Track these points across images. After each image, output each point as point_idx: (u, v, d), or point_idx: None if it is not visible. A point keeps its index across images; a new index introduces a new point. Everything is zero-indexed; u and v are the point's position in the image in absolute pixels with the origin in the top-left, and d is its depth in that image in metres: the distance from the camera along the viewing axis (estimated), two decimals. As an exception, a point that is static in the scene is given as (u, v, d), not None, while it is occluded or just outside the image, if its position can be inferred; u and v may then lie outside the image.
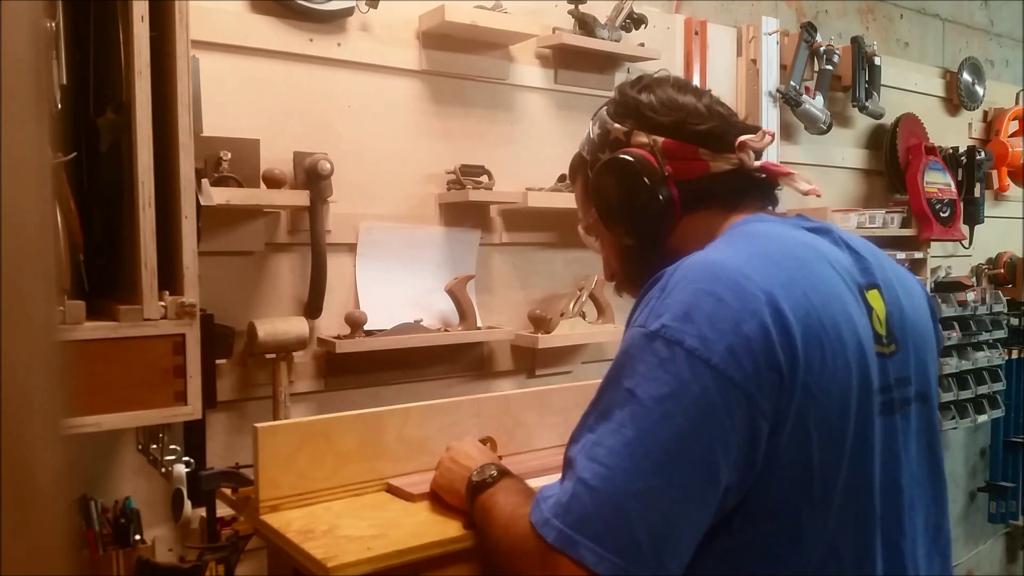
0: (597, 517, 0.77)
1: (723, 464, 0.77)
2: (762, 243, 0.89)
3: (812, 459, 0.81)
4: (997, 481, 3.51)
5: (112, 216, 1.30)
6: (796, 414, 0.79)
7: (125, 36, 1.20)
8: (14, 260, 0.33)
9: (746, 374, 0.77)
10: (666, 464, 0.77)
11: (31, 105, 0.34)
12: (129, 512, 1.52)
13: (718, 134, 0.96)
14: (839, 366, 0.82)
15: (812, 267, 0.86)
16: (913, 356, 0.94)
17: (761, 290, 0.80)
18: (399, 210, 1.94)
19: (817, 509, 0.83)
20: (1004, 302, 3.23)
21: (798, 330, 0.79)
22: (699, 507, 0.79)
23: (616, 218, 1.02)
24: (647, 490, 0.77)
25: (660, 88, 1.00)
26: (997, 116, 3.53)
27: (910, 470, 0.92)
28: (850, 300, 0.87)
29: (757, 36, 2.60)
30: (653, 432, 0.77)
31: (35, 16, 0.34)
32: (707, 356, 0.77)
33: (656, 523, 0.77)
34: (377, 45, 1.89)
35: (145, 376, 1.22)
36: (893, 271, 0.99)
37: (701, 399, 0.77)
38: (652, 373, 0.79)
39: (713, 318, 0.78)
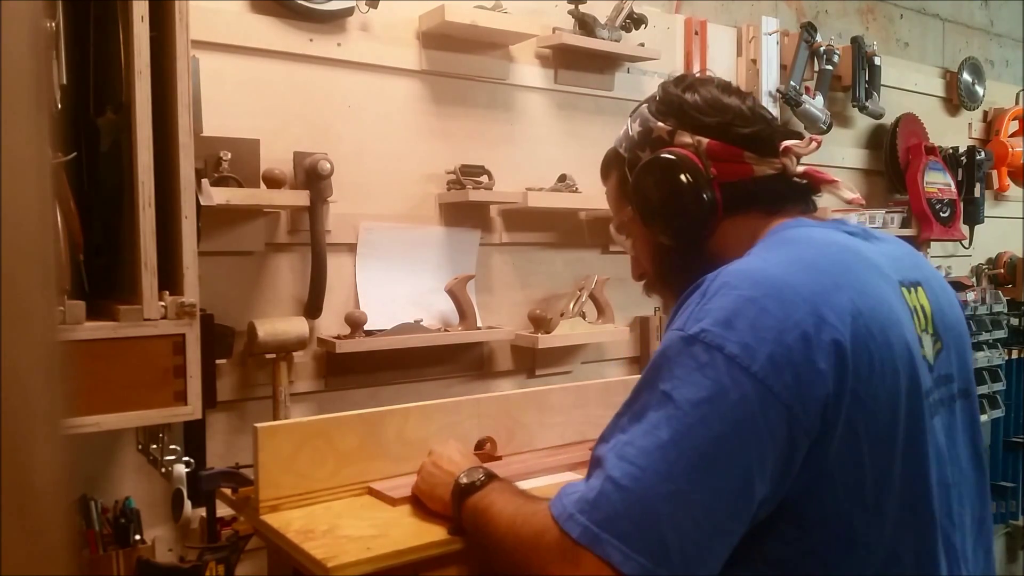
0: (625, 516, 0.76)
1: (758, 474, 0.76)
2: (804, 249, 0.88)
3: (863, 466, 0.80)
4: (997, 481, 3.50)
5: (112, 216, 1.30)
6: (846, 422, 0.78)
7: (125, 36, 1.20)
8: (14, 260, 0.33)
9: (786, 385, 0.76)
10: (700, 468, 0.75)
11: (31, 105, 0.34)
12: (129, 512, 1.52)
13: (763, 138, 0.96)
14: (887, 371, 0.80)
15: (856, 271, 0.85)
16: (955, 352, 0.95)
17: (804, 299, 0.79)
18: (399, 210, 1.94)
19: (871, 515, 0.81)
20: (1004, 302, 3.23)
21: (846, 337, 0.78)
22: (731, 515, 0.77)
23: (656, 218, 1.01)
24: (679, 493, 0.75)
25: (705, 88, 1.00)
26: (997, 116, 3.53)
27: (958, 466, 0.92)
28: (896, 303, 0.86)
29: (757, 36, 2.60)
30: (688, 435, 0.76)
31: (35, 16, 0.34)
32: (747, 364, 0.76)
33: (686, 527, 0.75)
34: (377, 45, 1.89)
35: (145, 376, 1.22)
36: (933, 271, 1.00)
37: (740, 406, 0.75)
38: (690, 377, 0.78)
39: (755, 326, 0.77)
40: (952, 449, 0.92)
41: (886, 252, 0.93)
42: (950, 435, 0.92)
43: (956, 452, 0.93)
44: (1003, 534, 3.79)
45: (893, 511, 0.82)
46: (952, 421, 0.93)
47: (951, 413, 0.93)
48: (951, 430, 0.92)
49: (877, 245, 0.94)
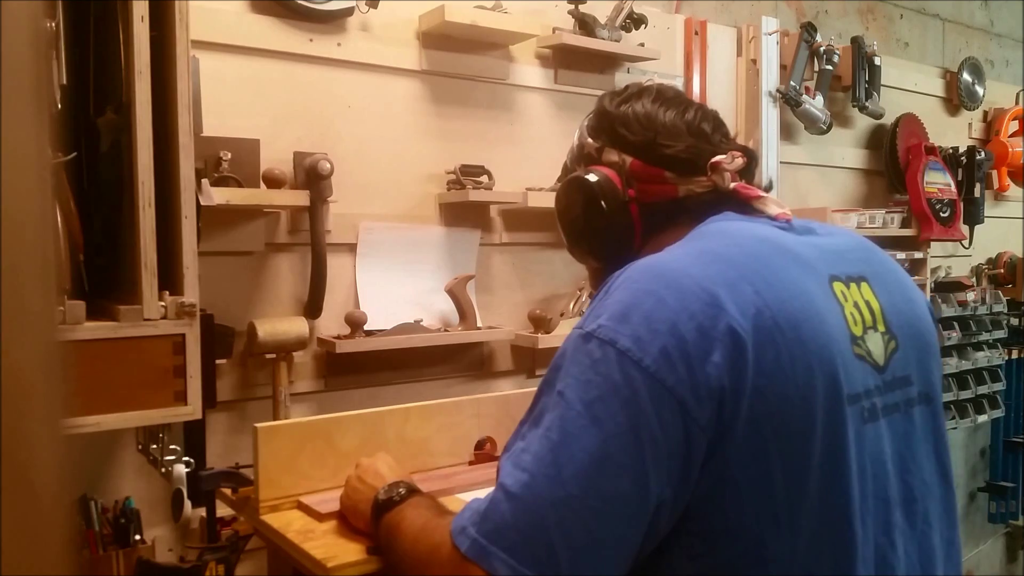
0: (513, 527, 0.72)
1: (653, 475, 0.72)
2: (716, 241, 0.84)
3: (772, 473, 0.74)
4: (997, 481, 3.51)
5: (112, 216, 1.30)
6: (748, 423, 0.73)
7: (125, 36, 1.20)
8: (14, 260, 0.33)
9: (679, 379, 0.72)
10: (590, 471, 0.72)
11: (31, 105, 0.34)
12: (129, 512, 1.52)
13: (689, 157, 0.91)
14: (798, 369, 0.75)
15: (770, 263, 0.80)
16: (914, 354, 0.88)
17: (704, 290, 0.75)
18: (399, 210, 1.94)
19: (784, 530, 0.75)
20: (1004, 302, 3.23)
21: (747, 330, 0.73)
22: (625, 520, 0.73)
23: (578, 240, 0.99)
24: (568, 499, 0.71)
25: (641, 101, 0.96)
26: (997, 116, 3.53)
27: (920, 478, 0.86)
28: (819, 297, 0.80)
29: (757, 36, 2.60)
30: (579, 437, 0.72)
31: (35, 16, 0.34)
32: (639, 358, 0.72)
33: (576, 534, 0.71)
34: (377, 45, 1.89)
35: (145, 376, 1.22)
36: (888, 266, 0.93)
37: (631, 403, 0.72)
38: (583, 375, 0.75)
39: (650, 318, 0.74)
40: (910, 460, 0.85)
41: (824, 246, 0.87)
42: (907, 444, 0.85)
43: (916, 463, 0.86)
44: (1003, 534, 3.79)
45: (809, 526, 0.76)
46: (910, 429, 0.86)
47: (908, 420, 0.86)
48: (908, 438, 0.85)
49: (813, 239, 0.88)
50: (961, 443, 3.51)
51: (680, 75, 2.47)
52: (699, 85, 2.49)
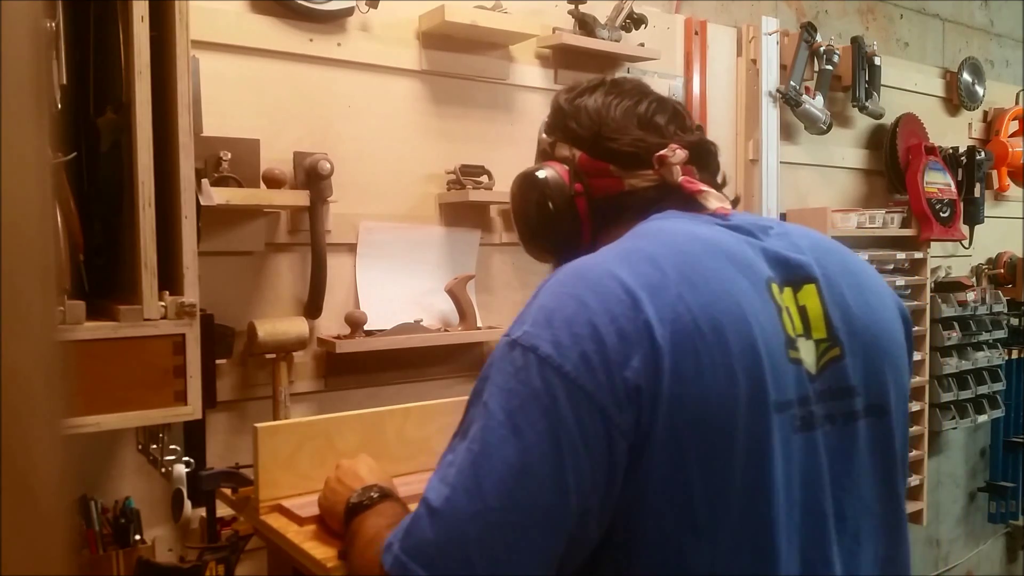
0: (433, 542, 0.71)
1: (574, 484, 0.70)
2: (648, 240, 0.81)
3: (692, 481, 0.72)
4: (997, 481, 3.51)
5: (112, 216, 1.30)
6: (666, 430, 0.71)
7: (125, 36, 1.20)
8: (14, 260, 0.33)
9: (599, 384, 0.70)
10: (509, 483, 0.70)
11: (31, 105, 0.34)
12: (129, 512, 1.52)
13: (634, 150, 0.89)
14: (720, 374, 0.72)
15: (701, 263, 0.77)
16: (863, 364, 0.83)
17: (627, 291, 0.73)
18: (399, 210, 1.94)
19: (704, 541, 0.73)
20: (1004, 302, 3.23)
21: (664, 334, 0.71)
22: (546, 531, 0.71)
23: (530, 236, 0.98)
24: (487, 512, 0.70)
25: (595, 94, 0.94)
26: (997, 116, 3.53)
27: (856, 495, 0.82)
28: (752, 300, 0.77)
29: (757, 36, 2.60)
30: (499, 448, 0.71)
31: (35, 16, 0.34)
32: (559, 363, 0.71)
33: (495, 548, 0.70)
34: (377, 45, 1.89)
35: (145, 376, 1.22)
36: (849, 268, 0.88)
37: (551, 411, 0.70)
38: (507, 384, 0.73)
39: (571, 323, 0.72)
40: (844, 475, 0.81)
41: (770, 247, 0.83)
42: (844, 458, 0.81)
43: (852, 479, 0.82)
44: (1003, 534, 3.79)
45: (730, 536, 0.74)
46: (848, 443, 0.82)
47: (847, 433, 0.82)
48: (844, 452, 0.81)
49: (760, 239, 0.84)
50: (961, 443, 3.51)
51: (680, 75, 2.47)
52: (699, 85, 2.49)
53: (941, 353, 2.97)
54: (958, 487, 3.52)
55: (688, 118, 0.94)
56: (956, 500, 3.52)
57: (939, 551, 3.47)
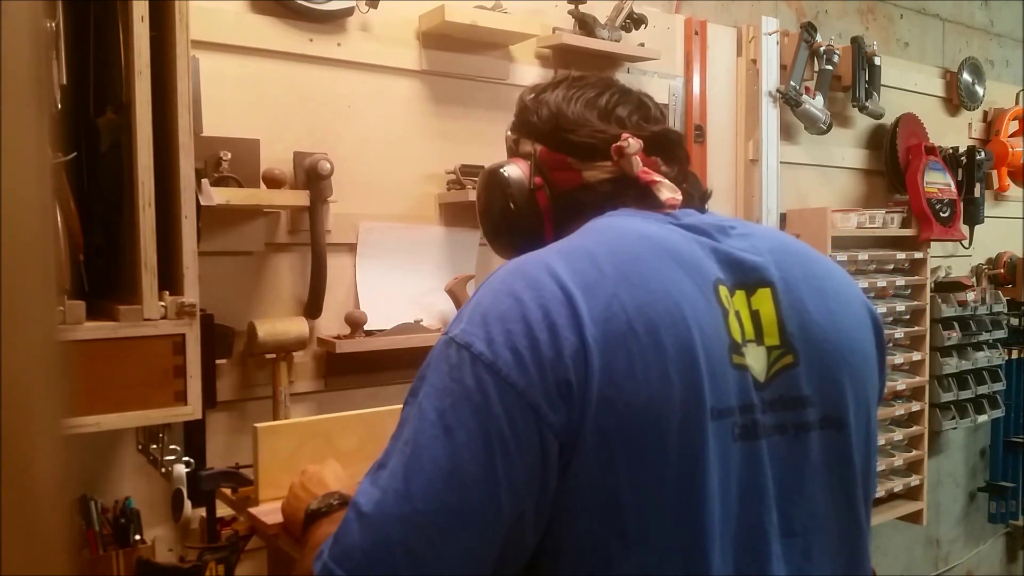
0: (360, 547, 0.69)
1: (506, 485, 0.68)
2: (594, 237, 0.80)
3: (621, 489, 0.70)
4: (997, 481, 3.51)
5: (112, 216, 1.30)
6: (594, 432, 0.69)
7: (125, 36, 1.20)
8: (14, 260, 0.33)
9: (531, 381, 0.68)
10: (437, 485, 0.68)
11: (31, 105, 0.34)
12: (129, 512, 1.52)
13: (593, 142, 0.87)
14: (652, 376, 0.70)
15: (643, 262, 0.75)
16: (819, 373, 0.79)
17: (563, 289, 0.71)
18: (399, 210, 1.94)
19: (633, 551, 0.71)
20: (1004, 302, 3.23)
21: (596, 333, 0.69)
22: (476, 535, 0.69)
23: (493, 232, 0.97)
24: (414, 514, 0.68)
25: (557, 89, 0.92)
26: (997, 116, 3.53)
27: (808, 510, 0.78)
28: (694, 302, 0.74)
29: (757, 36, 2.60)
30: (429, 449, 0.69)
31: (35, 16, 0.34)
32: (492, 361, 0.69)
33: (422, 552, 0.68)
34: (377, 45, 1.89)
35: (145, 376, 1.22)
36: (813, 272, 0.84)
37: (483, 410, 0.69)
38: (441, 382, 0.72)
39: (505, 319, 0.71)
40: (795, 490, 0.77)
41: (723, 248, 0.81)
42: (793, 472, 0.77)
43: (803, 494, 0.78)
44: (1003, 534, 3.79)
45: (660, 547, 0.71)
46: (799, 455, 0.78)
47: (797, 445, 0.78)
48: (795, 465, 0.78)
49: (715, 239, 0.81)
50: (961, 443, 3.51)
51: (680, 75, 2.47)
52: (699, 85, 2.49)
53: (941, 353, 2.97)
54: (958, 487, 3.52)
55: (654, 109, 0.91)
56: (956, 500, 3.52)
57: (939, 551, 3.47)
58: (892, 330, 2.81)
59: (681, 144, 0.92)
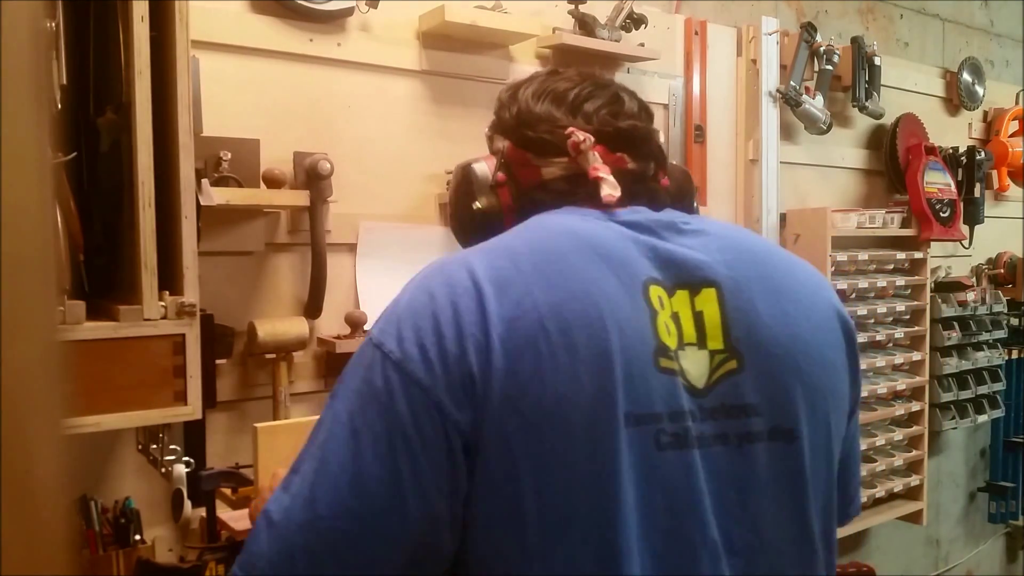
0: (266, 555, 0.68)
1: (412, 487, 0.67)
2: (520, 235, 0.78)
3: (523, 496, 0.67)
4: (997, 481, 3.51)
5: (112, 216, 1.30)
6: (497, 435, 0.67)
7: (125, 36, 1.20)
8: (14, 260, 0.33)
9: (435, 379, 0.67)
10: (341, 490, 0.67)
11: (31, 105, 0.34)
12: (129, 512, 1.52)
13: (549, 138, 0.85)
14: (562, 379, 0.67)
15: (564, 260, 0.73)
16: (768, 381, 0.75)
17: (474, 283, 0.70)
18: (399, 210, 1.94)
19: (536, 565, 0.67)
20: (1004, 302, 3.23)
21: (502, 331, 0.67)
22: (381, 541, 0.67)
23: (458, 227, 0.96)
24: (317, 520, 0.67)
25: (531, 85, 0.90)
26: (997, 116, 3.53)
27: (751, 527, 0.73)
28: (615, 300, 0.71)
29: (757, 36, 2.60)
30: (336, 453, 0.68)
31: (35, 16, 0.34)
32: (399, 359, 0.68)
33: (323, 559, 0.67)
34: (377, 45, 1.89)
35: (145, 376, 1.22)
36: (766, 274, 0.80)
37: (388, 411, 0.67)
38: (354, 383, 0.71)
39: (417, 316, 0.70)
40: (737, 505, 0.73)
41: (663, 246, 0.78)
42: (734, 483, 0.73)
43: (748, 510, 0.73)
44: (1003, 534, 3.79)
45: (564, 561, 0.68)
46: (742, 467, 0.73)
47: (740, 457, 0.73)
48: (737, 478, 0.73)
49: (659, 238, 0.78)
50: (961, 443, 3.51)
51: (680, 75, 2.47)
52: (699, 85, 2.49)
53: (941, 353, 2.97)
54: (958, 487, 3.52)
55: (629, 103, 0.88)
56: (956, 500, 3.52)
57: (939, 551, 3.47)
58: (892, 330, 2.81)
59: (650, 139, 0.88)
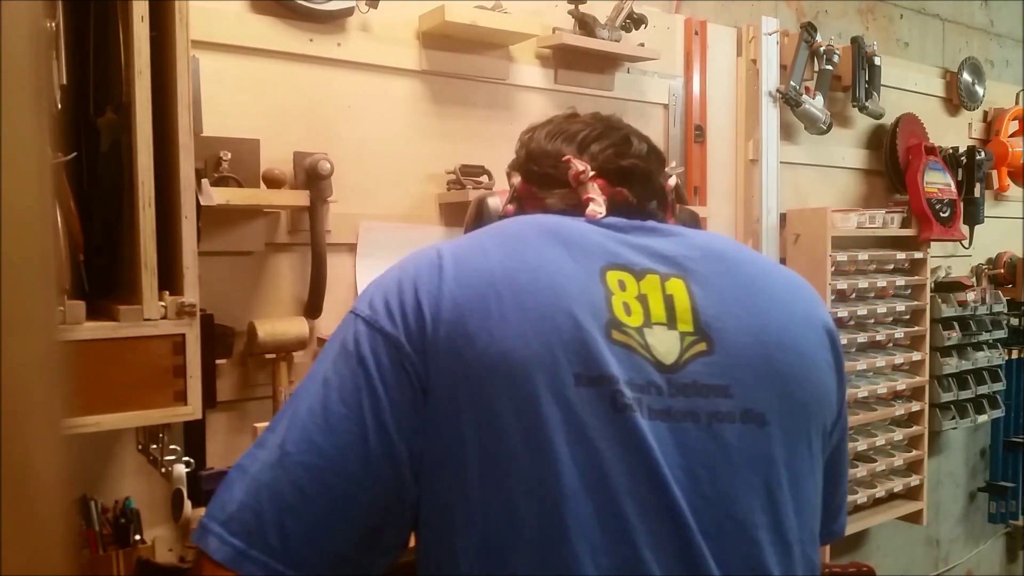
0: (232, 500, 0.70)
1: (373, 422, 0.70)
2: (488, 227, 0.85)
3: (465, 446, 0.70)
4: (997, 481, 3.51)
5: (112, 216, 1.30)
6: (443, 381, 0.71)
7: (125, 36, 1.20)
8: (14, 260, 0.33)
9: (396, 326, 0.73)
10: (308, 428, 0.71)
11: (31, 105, 0.34)
12: (129, 512, 1.52)
13: (552, 173, 0.91)
14: (509, 334, 0.71)
15: (525, 239, 0.79)
16: (736, 363, 0.76)
17: (438, 255, 0.78)
18: (399, 210, 1.94)
19: (477, 517, 0.70)
20: (1004, 302, 3.23)
21: (454, 288, 0.74)
22: (344, 477, 0.70)
23: None
24: (283, 457, 0.70)
25: (546, 127, 0.97)
26: (997, 116, 3.53)
27: (725, 512, 0.72)
28: (569, 276, 0.75)
29: (757, 36, 2.60)
30: (305, 400, 0.73)
31: (35, 16, 0.34)
32: (368, 315, 0.75)
33: (286, 494, 0.69)
34: (377, 45, 1.89)
35: (145, 376, 1.22)
36: (735, 270, 0.82)
37: (353, 356, 0.73)
38: (330, 348, 0.76)
39: (386, 285, 0.77)
40: (706, 483, 0.72)
41: (633, 240, 0.82)
42: (706, 461, 0.73)
43: (717, 488, 0.72)
44: (1003, 534, 3.79)
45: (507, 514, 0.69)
46: (713, 448, 0.73)
47: (711, 435, 0.73)
48: (708, 457, 0.73)
49: (629, 235, 0.82)
50: (961, 443, 3.51)
51: (680, 75, 2.47)
52: (699, 85, 2.49)
53: (941, 353, 2.97)
54: (958, 487, 3.52)
55: (637, 145, 0.92)
56: (956, 500, 3.52)
57: (939, 551, 3.47)
58: (892, 330, 2.81)
59: (652, 178, 0.92)
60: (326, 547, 0.70)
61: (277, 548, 0.68)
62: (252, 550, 0.68)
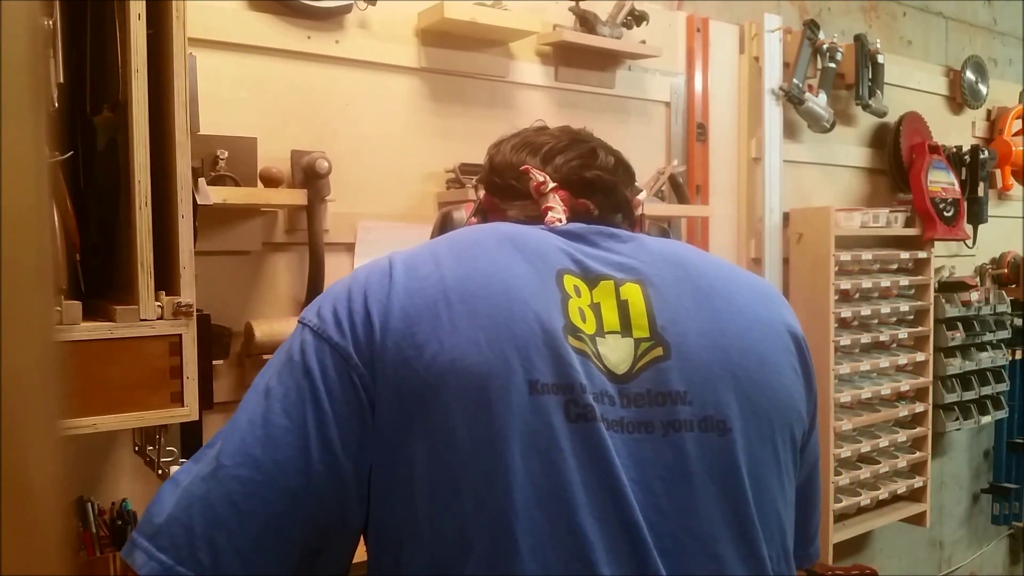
0: (160, 513, 0.67)
1: (316, 437, 0.67)
2: (445, 235, 0.85)
3: (414, 460, 0.67)
4: (1001, 483, 3.50)
5: (108, 215, 1.29)
6: (391, 393, 0.68)
7: (122, 34, 1.20)
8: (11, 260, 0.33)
9: (344, 336, 0.70)
10: (247, 440, 0.68)
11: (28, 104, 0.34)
12: (126, 514, 1.52)
13: (513, 184, 0.89)
14: (460, 341, 0.68)
15: (478, 245, 0.78)
16: (694, 369, 0.73)
17: (389, 263, 0.76)
18: (398, 209, 1.93)
19: (424, 533, 0.67)
20: (1008, 302, 3.22)
21: (403, 297, 0.71)
22: (281, 494, 0.66)
23: None
24: (218, 470, 0.67)
25: (513, 140, 0.94)
26: (1000, 115, 3.52)
27: (685, 526, 0.69)
28: (524, 283, 0.73)
29: (759, 34, 2.59)
30: (247, 410, 0.70)
31: (33, 15, 0.34)
32: (315, 325, 0.73)
33: (218, 509, 0.65)
34: (376, 42, 1.88)
35: (142, 377, 1.21)
36: (694, 274, 0.80)
37: (298, 367, 0.70)
38: (276, 358, 0.74)
39: (336, 294, 0.75)
40: (662, 495, 0.69)
41: (588, 249, 0.80)
42: (661, 476, 0.70)
43: (674, 501, 0.69)
44: (1007, 536, 3.78)
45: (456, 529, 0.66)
46: (671, 459, 0.70)
47: (668, 445, 0.70)
48: (665, 469, 0.70)
49: (587, 245, 0.81)
50: (965, 444, 3.51)
51: (682, 73, 2.46)
52: (701, 83, 2.48)
53: (945, 354, 2.96)
54: (962, 489, 3.51)
55: (604, 159, 0.90)
56: (960, 502, 3.51)
57: (942, 553, 3.47)
58: (896, 330, 2.80)
59: (616, 191, 0.89)
60: (260, 567, 0.66)
61: (207, 566, 0.65)
62: (180, 567, 0.64)
